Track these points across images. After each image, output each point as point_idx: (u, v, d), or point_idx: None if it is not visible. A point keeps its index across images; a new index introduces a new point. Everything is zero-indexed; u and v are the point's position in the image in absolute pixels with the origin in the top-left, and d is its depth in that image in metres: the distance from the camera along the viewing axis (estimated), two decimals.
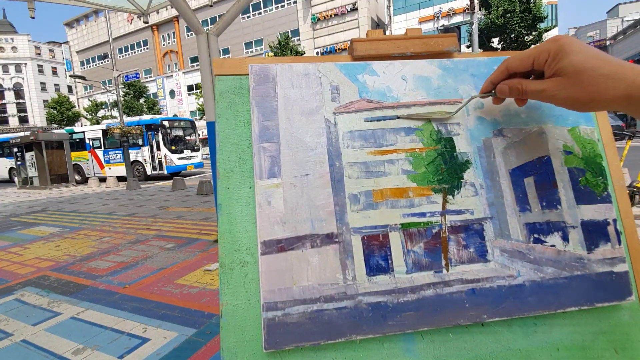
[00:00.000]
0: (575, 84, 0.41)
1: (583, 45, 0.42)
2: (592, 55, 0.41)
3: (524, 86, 0.47)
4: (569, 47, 0.42)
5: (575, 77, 0.41)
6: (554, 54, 0.43)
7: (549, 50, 0.44)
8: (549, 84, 0.44)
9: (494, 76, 0.51)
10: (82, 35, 48.54)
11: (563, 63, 0.42)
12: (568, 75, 0.42)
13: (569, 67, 0.42)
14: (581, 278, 0.53)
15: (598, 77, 0.40)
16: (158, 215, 6.98)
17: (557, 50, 0.43)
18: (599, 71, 0.40)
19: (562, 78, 0.43)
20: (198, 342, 2.34)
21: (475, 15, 13.70)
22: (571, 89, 0.42)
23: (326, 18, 32.27)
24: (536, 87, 0.46)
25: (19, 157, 15.33)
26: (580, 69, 0.41)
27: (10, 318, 2.85)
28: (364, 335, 0.49)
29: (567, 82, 0.42)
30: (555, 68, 0.43)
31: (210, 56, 3.43)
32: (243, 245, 0.52)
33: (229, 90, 0.58)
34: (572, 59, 0.41)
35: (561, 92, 0.43)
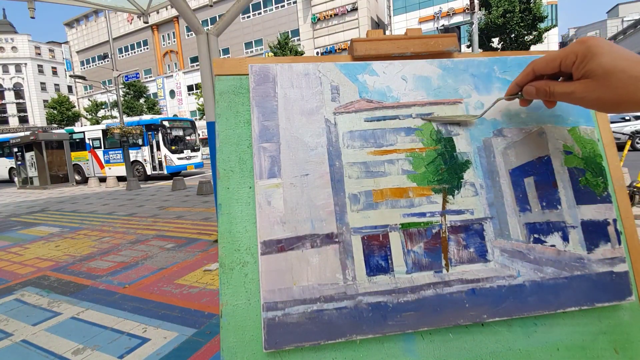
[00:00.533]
0: (605, 86, 0.41)
1: (612, 46, 0.42)
2: (622, 57, 0.40)
3: (551, 88, 0.47)
4: (597, 48, 0.42)
5: (605, 79, 0.41)
6: (582, 55, 0.43)
7: (576, 52, 0.43)
8: (578, 85, 0.44)
9: (520, 78, 0.51)
10: (82, 35, 48.53)
11: (592, 65, 0.42)
12: (597, 77, 0.41)
13: (598, 69, 0.41)
14: (581, 278, 0.53)
15: (628, 79, 0.40)
16: (158, 215, 6.98)
17: (585, 52, 0.42)
18: (629, 72, 0.39)
19: (591, 80, 0.42)
20: (198, 342, 2.34)
21: (475, 15, 13.70)
22: (600, 90, 0.41)
23: (326, 18, 32.27)
24: (564, 89, 0.45)
25: (19, 157, 15.33)
26: (610, 71, 0.40)
27: (10, 318, 2.85)
28: (364, 335, 0.49)
29: (596, 84, 0.42)
30: (584, 70, 0.43)
31: (210, 56, 3.43)
32: (243, 245, 0.52)
33: (229, 90, 0.58)
34: (601, 60, 0.41)
35: (590, 94, 0.42)
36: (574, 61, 0.44)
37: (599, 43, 0.42)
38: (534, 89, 0.49)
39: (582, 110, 0.60)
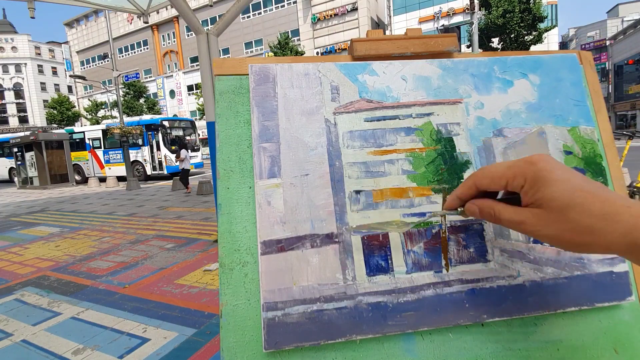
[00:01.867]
0: (561, 221, 0.34)
1: (565, 171, 0.35)
2: (578, 187, 0.34)
3: (497, 212, 0.39)
4: (548, 173, 0.35)
5: (561, 214, 0.34)
6: (531, 180, 0.36)
7: (524, 175, 0.36)
8: (529, 216, 0.36)
9: (461, 191, 0.43)
10: (82, 35, 48.54)
11: (544, 193, 0.35)
12: (551, 209, 0.34)
13: (552, 201, 0.34)
14: (581, 278, 0.53)
15: (587, 217, 0.33)
16: (158, 215, 6.98)
17: (535, 177, 0.36)
18: (588, 208, 0.33)
19: (544, 211, 0.35)
20: (198, 342, 2.34)
21: (475, 15, 13.70)
22: (556, 226, 0.34)
23: (326, 18, 32.28)
24: (513, 218, 0.38)
25: (19, 157, 15.34)
26: (567, 205, 0.34)
27: (10, 318, 2.85)
28: (364, 335, 0.49)
29: (551, 218, 0.35)
30: (534, 198, 0.36)
31: (210, 56, 3.43)
32: (243, 245, 0.52)
33: (229, 90, 0.58)
34: (554, 189, 0.34)
35: (544, 229, 0.35)
36: (522, 185, 0.37)
37: (551, 166, 0.36)
38: (477, 209, 0.41)
39: (582, 110, 0.60)
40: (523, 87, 0.60)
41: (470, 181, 0.42)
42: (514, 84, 0.60)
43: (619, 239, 0.32)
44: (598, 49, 38.25)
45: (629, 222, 0.31)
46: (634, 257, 0.32)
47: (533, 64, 0.61)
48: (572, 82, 0.61)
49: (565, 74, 0.62)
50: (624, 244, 0.32)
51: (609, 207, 0.32)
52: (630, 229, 0.31)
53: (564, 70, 0.62)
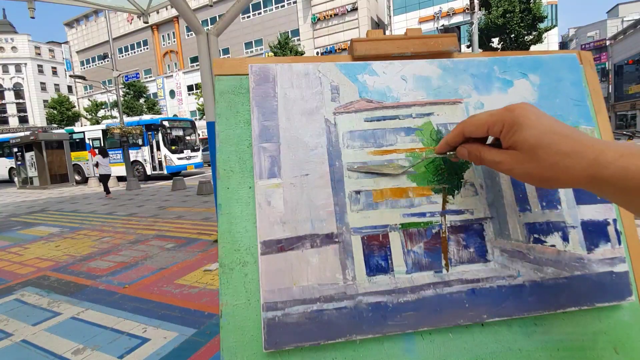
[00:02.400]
0: (532, 160, 0.38)
1: (540, 117, 0.39)
2: (549, 130, 0.38)
3: (481, 154, 0.45)
4: (523, 119, 0.39)
5: (531, 153, 0.38)
6: (508, 125, 0.40)
7: (503, 120, 0.41)
8: (505, 157, 0.41)
9: (450, 137, 0.49)
10: (82, 35, 48.52)
11: (518, 137, 0.39)
12: (523, 150, 0.39)
13: (524, 143, 0.39)
14: (581, 278, 0.53)
15: (555, 155, 0.37)
16: (158, 215, 6.98)
17: (512, 122, 0.40)
18: (556, 148, 0.37)
19: (518, 152, 0.40)
20: (198, 342, 2.34)
21: (475, 15, 13.70)
22: (527, 165, 0.39)
23: (326, 18, 32.27)
24: (494, 158, 0.43)
25: (19, 157, 15.33)
26: (536, 145, 0.38)
27: (10, 318, 2.86)
28: (364, 335, 0.49)
29: (523, 158, 0.39)
30: (511, 141, 0.40)
31: (210, 56, 3.43)
32: (243, 245, 0.52)
33: (228, 90, 0.58)
34: (527, 133, 0.39)
35: (517, 167, 0.40)
36: (501, 130, 0.42)
37: (526, 113, 0.40)
38: (466, 152, 0.47)
39: (582, 110, 0.60)
40: (523, 87, 0.60)
41: (458, 128, 0.48)
42: (514, 84, 0.60)
43: (581, 172, 0.36)
44: (598, 49, 38.24)
45: (590, 157, 0.35)
46: (595, 188, 0.36)
47: (533, 64, 0.61)
48: (572, 82, 0.61)
49: (565, 74, 0.62)
50: (585, 176, 0.36)
51: (575, 145, 0.36)
52: (590, 163, 0.35)
53: (564, 70, 0.62)
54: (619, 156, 0.34)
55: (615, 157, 0.34)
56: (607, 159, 0.34)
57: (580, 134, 0.37)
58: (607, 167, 0.34)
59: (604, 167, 0.34)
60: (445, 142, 0.50)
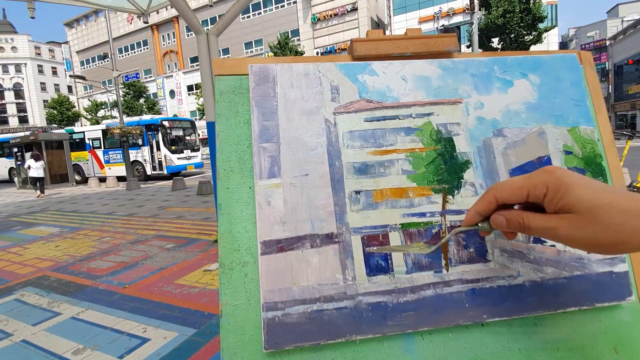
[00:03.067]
0: (593, 222, 0.34)
1: (583, 177, 0.37)
2: (601, 189, 0.35)
3: (526, 221, 0.39)
4: (569, 179, 0.36)
5: (591, 215, 0.34)
6: (554, 187, 0.37)
7: (546, 183, 0.37)
8: (560, 222, 0.37)
9: (480, 207, 0.44)
10: (82, 35, 48.53)
11: (570, 198, 0.36)
12: (580, 212, 0.35)
13: (580, 203, 0.35)
14: (581, 278, 0.53)
15: (618, 215, 0.33)
16: (158, 215, 6.98)
17: (558, 184, 0.36)
18: (617, 207, 0.34)
19: (574, 215, 0.36)
20: (198, 342, 2.34)
21: (475, 15, 13.70)
22: (590, 228, 0.35)
23: (326, 18, 32.27)
24: (544, 224, 0.38)
25: (19, 157, 15.33)
26: (595, 205, 0.34)
27: (10, 318, 2.85)
28: (364, 335, 0.49)
29: (583, 221, 0.35)
30: (561, 204, 0.36)
31: (210, 56, 3.43)
32: (243, 245, 0.52)
33: (229, 90, 0.58)
34: (580, 193, 0.35)
35: (578, 232, 0.35)
36: (545, 193, 0.38)
37: (569, 173, 0.37)
38: (504, 220, 0.42)
39: (582, 110, 0.60)
40: (523, 87, 0.60)
41: (490, 195, 0.42)
42: (514, 84, 0.60)
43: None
44: (598, 49, 38.24)
45: None
46: None
47: (533, 64, 0.61)
48: (572, 82, 0.61)
49: (565, 74, 0.62)
50: None
51: (636, 204, 0.33)
52: None
53: (564, 70, 0.62)
54: None
55: None
56: None
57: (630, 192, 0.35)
58: None
59: None
60: (475, 211, 0.44)
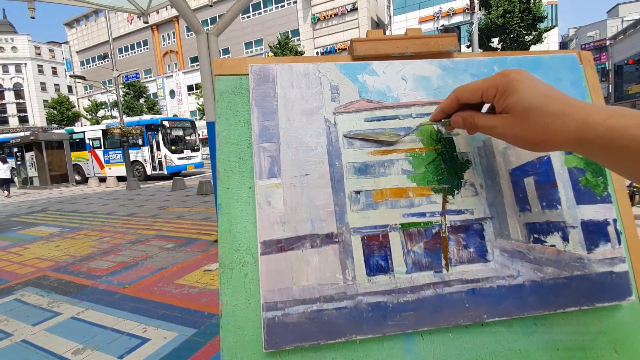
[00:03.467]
0: (524, 122, 0.39)
1: (533, 82, 0.40)
2: (541, 93, 0.39)
3: (475, 120, 0.45)
4: (517, 83, 0.40)
5: (524, 116, 0.39)
6: (502, 89, 0.41)
7: (497, 85, 0.42)
8: (499, 120, 0.42)
9: (445, 104, 0.49)
10: (82, 35, 48.53)
11: (511, 100, 0.40)
12: (516, 113, 0.40)
13: (517, 105, 0.40)
14: (581, 278, 0.53)
15: (546, 117, 0.37)
16: (158, 215, 6.98)
17: (505, 86, 0.41)
18: (546, 109, 0.37)
19: (511, 116, 0.41)
20: (198, 342, 2.34)
21: (475, 15, 13.70)
22: (519, 127, 0.40)
23: (326, 18, 32.27)
24: (487, 123, 0.44)
25: (19, 157, 15.33)
26: (528, 108, 0.39)
27: (10, 318, 2.86)
28: (364, 335, 0.49)
29: (516, 121, 0.40)
30: (504, 104, 0.41)
31: (210, 56, 3.43)
32: (243, 245, 0.52)
33: (228, 90, 0.58)
34: (520, 96, 0.39)
35: (510, 130, 0.41)
36: (495, 94, 0.42)
37: (520, 77, 0.41)
38: (460, 120, 0.48)
39: None
40: None
41: (453, 95, 0.48)
42: None
43: (570, 134, 0.36)
44: (598, 49, 38.23)
45: (579, 118, 0.36)
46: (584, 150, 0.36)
47: (533, 63, 0.61)
48: (572, 82, 0.61)
49: (565, 73, 0.62)
50: (574, 138, 0.36)
51: (565, 108, 0.37)
52: (579, 125, 0.35)
53: (564, 70, 0.62)
54: (607, 117, 0.34)
55: (604, 117, 0.34)
56: (595, 119, 0.34)
57: (571, 98, 0.38)
58: (595, 127, 0.34)
59: (593, 127, 0.34)
60: (440, 109, 0.50)
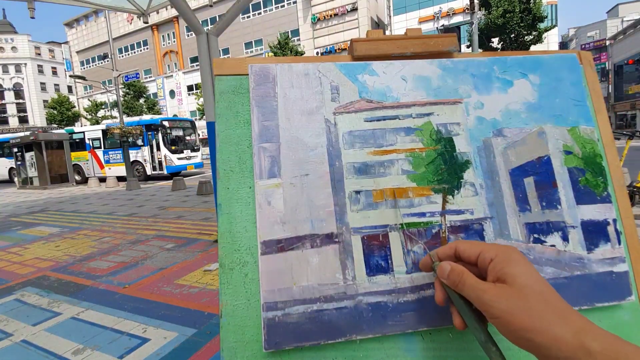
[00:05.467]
0: (519, 298, 0.36)
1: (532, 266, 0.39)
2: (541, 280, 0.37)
3: (464, 277, 0.41)
4: (519, 256, 0.39)
5: (520, 291, 0.36)
6: (502, 255, 0.39)
7: (497, 250, 0.40)
8: (491, 286, 0.38)
9: (441, 249, 0.46)
10: (82, 35, 48.52)
11: (510, 270, 0.38)
12: (513, 285, 0.37)
13: (516, 278, 0.37)
14: (581, 278, 0.53)
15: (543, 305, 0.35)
16: (158, 215, 6.98)
17: (506, 254, 0.39)
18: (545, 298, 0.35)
19: (506, 286, 0.37)
20: (198, 342, 2.34)
21: (475, 15, 13.69)
22: (512, 302, 0.36)
23: (326, 18, 32.27)
24: (477, 285, 0.39)
25: (19, 157, 15.33)
26: (528, 285, 0.36)
27: (10, 318, 2.85)
28: (364, 335, 0.49)
29: (511, 293, 0.36)
30: (501, 272, 0.38)
31: (210, 56, 3.43)
32: (243, 245, 0.52)
33: (228, 90, 0.58)
34: (521, 270, 0.37)
35: (501, 301, 0.36)
36: (492, 258, 0.40)
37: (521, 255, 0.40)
38: (448, 268, 0.43)
39: (582, 110, 0.60)
40: (523, 87, 0.60)
41: (453, 243, 0.45)
42: (513, 84, 0.60)
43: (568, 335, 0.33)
44: (598, 49, 38.24)
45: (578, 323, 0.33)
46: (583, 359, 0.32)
47: (533, 64, 0.61)
48: (572, 82, 0.61)
49: (565, 74, 0.62)
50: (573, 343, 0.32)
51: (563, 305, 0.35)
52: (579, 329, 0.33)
53: (564, 70, 0.62)
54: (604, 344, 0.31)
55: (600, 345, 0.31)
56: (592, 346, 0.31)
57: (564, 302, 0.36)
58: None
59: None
60: (435, 252, 0.47)
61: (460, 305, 0.42)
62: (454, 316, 0.43)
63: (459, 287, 0.41)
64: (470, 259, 0.43)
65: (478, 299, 0.38)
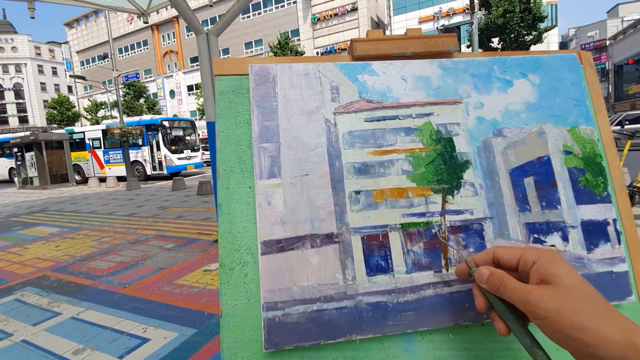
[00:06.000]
0: (566, 298, 0.35)
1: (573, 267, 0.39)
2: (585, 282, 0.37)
3: (505, 280, 0.40)
4: (560, 258, 0.39)
5: (567, 291, 0.36)
6: (545, 257, 0.39)
7: (539, 253, 0.40)
8: (536, 287, 0.37)
9: (479, 255, 0.46)
10: (82, 35, 48.51)
11: (555, 270, 0.37)
12: (559, 285, 0.36)
13: (562, 278, 0.36)
14: None
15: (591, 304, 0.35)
16: (158, 215, 6.98)
17: (549, 256, 0.39)
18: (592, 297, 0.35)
19: (552, 287, 0.37)
20: (198, 342, 2.34)
21: (475, 15, 13.69)
22: (560, 302, 0.35)
23: (326, 18, 32.26)
24: (520, 287, 0.38)
25: (19, 157, 15.33)
26: (575, 286, 0.36)
27: (10, 318, 2.85)
28: (364, 335, 0.49)
29: (557, 294, 0.36)
30: (545, 274, 0.38)
31: (210, 56, 3.43)
32: (243, 245, 0.52)
33: (229, 90, 0.58)
34: (566, 271, 0.37)
35: (548, 302, 0.36)
36: (535, 261, 0.39)
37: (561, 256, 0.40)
38: (487, 273, 0.42)
39: (582, 110, 0.60)
40: (523, 87, 0.60)
41: (490, 249, 0.45)
42: (513, 84, 0.60)
43: (617, 334, 0.33)
44: (598, 49, 38.24)
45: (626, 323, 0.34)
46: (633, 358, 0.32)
47: (533, 64, 0.61)
48: (572, 82, 0.61)
49: (565, 73, 0.62)
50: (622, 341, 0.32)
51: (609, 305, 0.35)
52: (628, 329, 0.33)
53: (564, 70, 0.62)
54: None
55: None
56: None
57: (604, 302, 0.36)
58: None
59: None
60: (472, 258, 0.46)
61: (502, 310, 0.41)
62: (496, 322, 0.42)
63: (500, 290, 0.40)
64: (511, 263, 0.42)
65: (522, 300, 0.38)
